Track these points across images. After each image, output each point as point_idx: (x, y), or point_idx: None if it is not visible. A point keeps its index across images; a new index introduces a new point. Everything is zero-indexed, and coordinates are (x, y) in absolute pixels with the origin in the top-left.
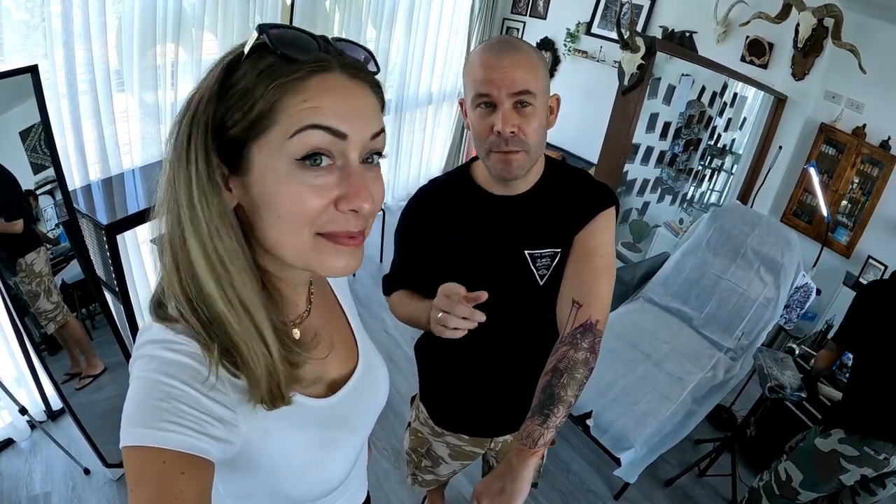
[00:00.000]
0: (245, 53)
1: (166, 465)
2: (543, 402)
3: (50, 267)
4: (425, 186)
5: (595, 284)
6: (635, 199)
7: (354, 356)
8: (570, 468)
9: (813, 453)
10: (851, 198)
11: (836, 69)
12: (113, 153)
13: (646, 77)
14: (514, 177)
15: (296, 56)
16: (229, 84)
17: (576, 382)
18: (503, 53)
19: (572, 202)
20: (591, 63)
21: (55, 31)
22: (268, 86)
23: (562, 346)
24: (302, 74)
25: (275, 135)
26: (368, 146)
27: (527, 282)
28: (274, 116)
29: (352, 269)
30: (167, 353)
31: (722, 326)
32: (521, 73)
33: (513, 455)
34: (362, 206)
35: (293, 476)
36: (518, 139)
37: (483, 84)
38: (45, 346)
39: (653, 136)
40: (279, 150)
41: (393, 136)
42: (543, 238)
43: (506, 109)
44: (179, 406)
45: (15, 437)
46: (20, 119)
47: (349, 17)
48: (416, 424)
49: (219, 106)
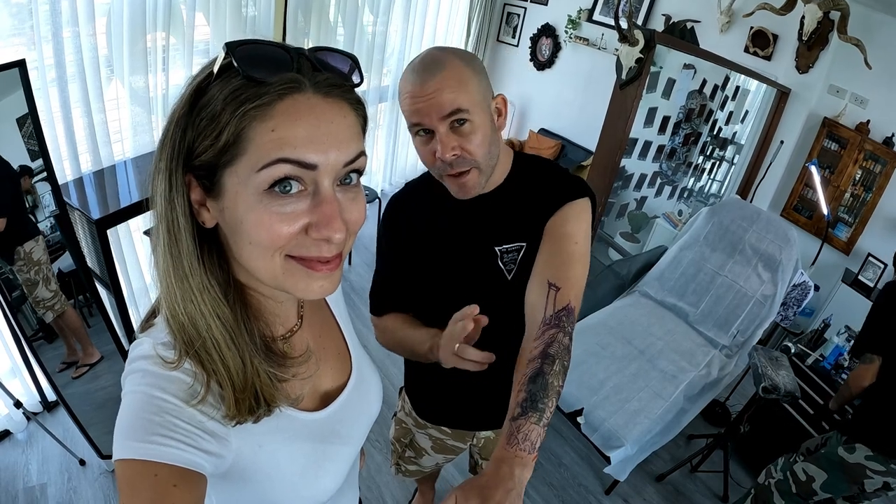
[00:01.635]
0: (214, 74)
1: (158, 478)
2: (536, 393)
3: (48, 255)
4: (399, 192)
5: (571, 269)
6: (633, 194)
7: (347, 368)
8: (562, 462)
9: (840, 462)
10: (853, 194)
11: (841, 63)
12: (104, 142)
13: (644, 71)
14: (472, 195)
15: (263, 78)
16: (199, 107)
17: (563, 371)
18: (426, 79)
19: (539, 194)
20: (592, 51)
21: (42, 17)
22: (234, 111)
23: (548, 328)
24: (269, 99)
25: (242, 165)
26: (343, 171)
27: (495, 278)
28: (242, 146)
29: (327, 293)
30: (159, 368)
31: (718, 323)
32: (448, 94)
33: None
34: (332, 235)
35: (285, 489)
36: (463, 159)
37: (413, 115)
38: (43, 334)
39: (651, 131)
40: (248, 181)
41: (391, 121)
42: (510, 233)
43: (442, 134)
44: (172, 420)
45: (11, 428)
46: (17, 105)
47: (345, 2)
48: (401, 415)
49: (188, 129)
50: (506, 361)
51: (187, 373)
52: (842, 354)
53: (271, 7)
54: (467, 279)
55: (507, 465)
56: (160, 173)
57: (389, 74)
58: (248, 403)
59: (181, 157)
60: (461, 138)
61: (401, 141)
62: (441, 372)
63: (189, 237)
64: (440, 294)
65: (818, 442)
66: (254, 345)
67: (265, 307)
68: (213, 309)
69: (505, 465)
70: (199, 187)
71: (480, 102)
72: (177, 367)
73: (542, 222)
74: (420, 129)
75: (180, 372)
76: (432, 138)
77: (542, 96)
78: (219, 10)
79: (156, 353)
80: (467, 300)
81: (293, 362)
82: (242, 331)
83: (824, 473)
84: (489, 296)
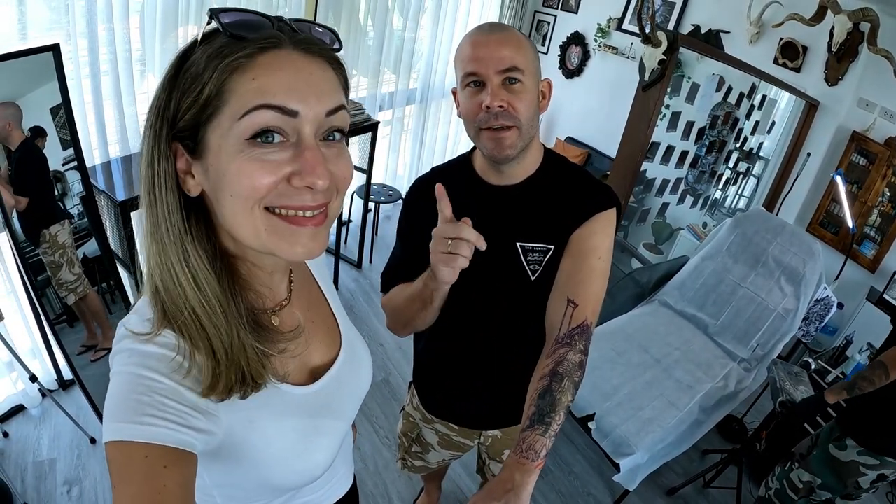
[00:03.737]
0: (199, 40)
1: (149, 459)
2: (543, 408)
3: (73, 240)
4: (425, 174)
5: (591, 286)
6: (654, 199)
7: (337, 342)
8: (573, 470)
9: (832, 462)
10: (881, 211)
11: (871, 76)
12: (133, 132)
13: (667, 73)
14: (505, 156)
15: (245, 35)
16: (184, 69)
17: (574, 386)
18: (492, 32)
19: (570, 199)
20: (621, 59)
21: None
22: (216, 66)
23: (559, 347)
24: (250, 51)
25: (225, 116)
26: (325, 123)
27: (518, 275)
28: (223, 97)
29: (313, 254)
30: (146, 345)
31: (737, 336)
32: (509, 50)
33: (514, 470)
34: (315, 182)
35: (277, 465)
36: (508, 114)
37: (471, 62)
38: (65, 317)
39: (674, 135)
40: (230, 131)
41: (417, 126)
42: (536, 232)
43: (494, 85)
44: (160, 399)
45: (26, 403)
46: (51, 95)
47: (375, 4)
48: (409, 409)
49: (172, 93)
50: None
51: (173, 348)
52: None
53: (301, 6)
54: (487, 271)
55: (510, 470)
56: (146, 140)
57: (417, 78)
58: (229, 378)
59: (166, 120)
60: (511, 95)
61: (427, 143)
62: (450, 368)
63: (175, 204)
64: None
65: (808, 444)
66: (240, 317)
67: (255, 277)
68: (199, 278)
69: (507, 471)
70: (185, 155)
71: (534, 72)
72: (152, 338)
73: (570, 230)
74: (473, 80)
75: (168, 349)
76: (481, 91)
77: (570, 104)
78: (250, 6)
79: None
80: (487, 294)
81: (282, 337)
82: (230, 302)
83: (818, 477)
84: (511, 293)
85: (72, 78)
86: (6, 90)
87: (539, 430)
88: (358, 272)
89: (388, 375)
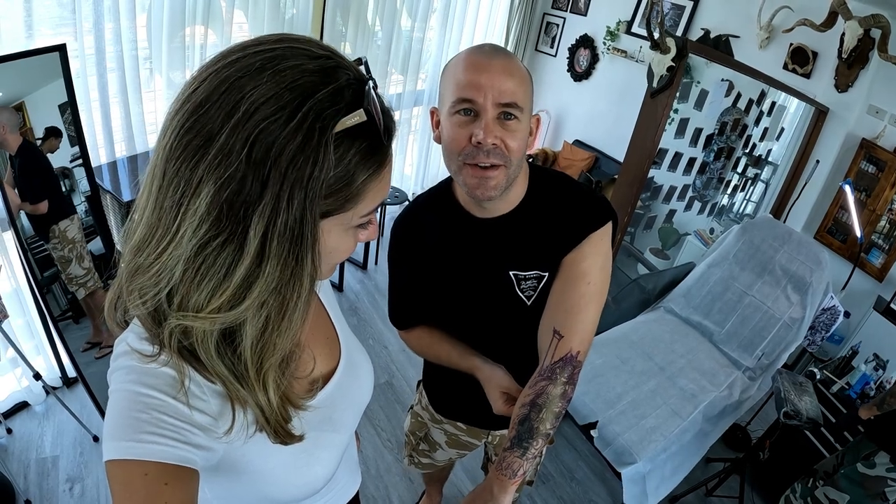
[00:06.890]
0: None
1: (148, 476)
2: (522, 434)
3: (83, 234)
4: (407, 208)
5: (579, 314)
6: (661, 206)
7: (336, 353)
8: (575, 476)
9: (861, 479)
10: (889, 219)
11: (881, 83)
12: (139, 131)
13: (676, 80)
14: (488, 198)
15: (388, 141)
16: (327, 154)
17: (553, 415)
18: (493, 56)
19: (560, 222)
20: (630, 63)
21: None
22: (366, 172)
23: (540, 380)
24: (383, 157)
25: (354, 213)
26: None
27: (514, 303)
28: (360, 197)
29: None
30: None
31: (742, 344)
32: (512, 83)
33: (493, 483)
34: None
35: (277, 479)
36: (499, 152)
37: (467, 88)
38: (70, 313)
39: (682, 142)
40: (350, 222)
41: (425, 127)
42: (529, 260)
43: (489, 118)
44: (159, 416)
45: (30, 400)
46: (59, 93)
47: (384, 5)
48: (418, 408)
49: (315, 170)
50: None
51: (171, 365)
52: (868, 383)
53: (309, 7)
54: (483, 302)
55: (489, 483)
56: (271, 194)
57: (426, 80)
58: (275, 430)
59: (314, 196)
60: (505, 132)
61: (434, 145)
62: (458, 372)
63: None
64: (455, 313)
65: (834, 462)
66: None
67: None
68: None
69: (487, 483)
70: None
71: (530, 108)
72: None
73: (562, 254)
74: (465, 107)
75: (166, 366)
76: (473, 122)
77: (578, 107)
78: (258, 7)
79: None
80: (485, 322)
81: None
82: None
83: (846, 494)
84: (507, 319)
85: (78, 76)
86: (16, 89)
87: (517, 453)
88: (363, 273)
89: (391, 378)
